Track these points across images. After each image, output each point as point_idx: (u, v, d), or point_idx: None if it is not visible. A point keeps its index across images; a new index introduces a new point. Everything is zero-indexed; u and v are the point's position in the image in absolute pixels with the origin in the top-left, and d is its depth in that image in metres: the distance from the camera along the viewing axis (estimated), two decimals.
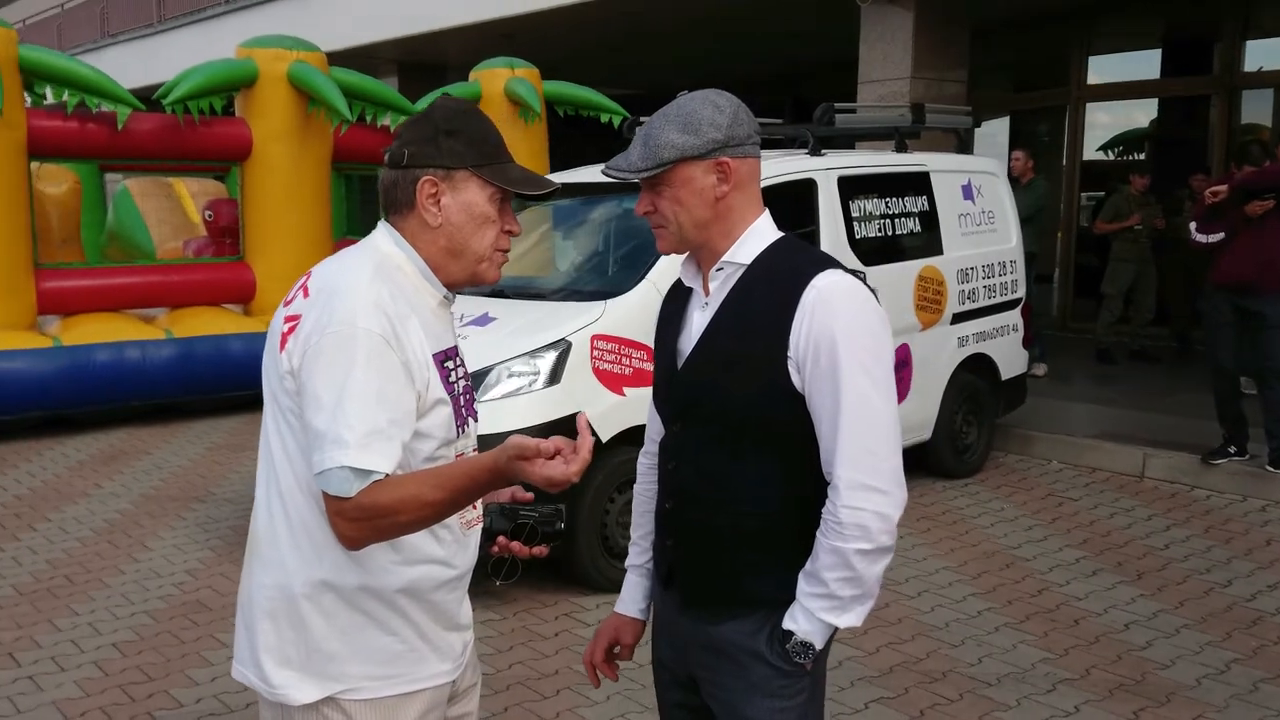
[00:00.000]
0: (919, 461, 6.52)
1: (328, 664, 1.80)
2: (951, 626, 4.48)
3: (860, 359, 1.80)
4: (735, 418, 1.88)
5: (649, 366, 4.85)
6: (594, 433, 4.60)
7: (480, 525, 1.95)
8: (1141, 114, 12.20)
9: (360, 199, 12.67)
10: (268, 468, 1.85)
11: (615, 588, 4.75)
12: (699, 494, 1.94)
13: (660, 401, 2.06)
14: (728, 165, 1.87)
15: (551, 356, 4.62)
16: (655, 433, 2.13)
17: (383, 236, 1.88)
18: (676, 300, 2.05)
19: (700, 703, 2.03)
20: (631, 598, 2.17)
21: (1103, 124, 12.14)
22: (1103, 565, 5.20)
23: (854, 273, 1.91)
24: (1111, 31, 11.79)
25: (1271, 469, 6.18)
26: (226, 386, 8.64)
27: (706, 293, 1.96)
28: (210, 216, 10.23)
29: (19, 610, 4.73)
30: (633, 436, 4.80)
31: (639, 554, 2.17)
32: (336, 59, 9.30)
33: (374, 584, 1.80)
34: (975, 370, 6.72)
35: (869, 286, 1.90)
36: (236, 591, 5.03)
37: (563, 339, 4.68)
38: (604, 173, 1.98)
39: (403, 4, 13.08)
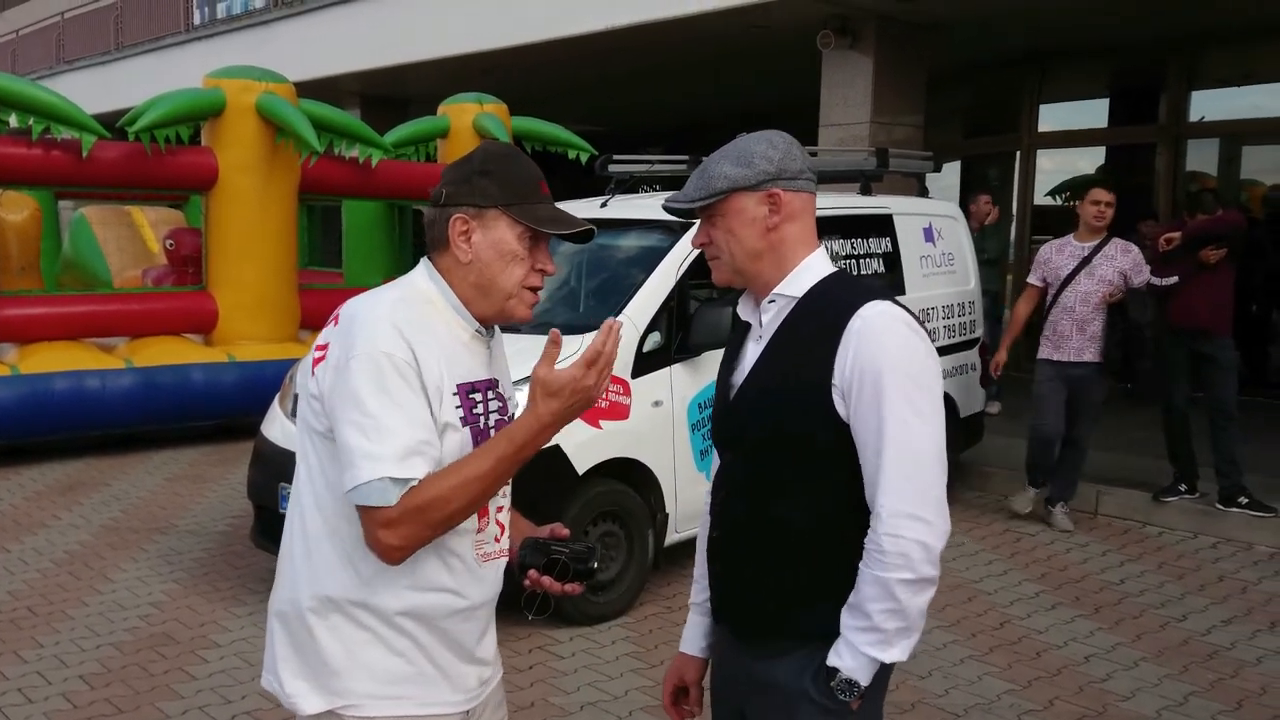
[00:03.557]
0: None
1: (332, 679, 1.85)
2: (919, 658, 4.56)
3: (904, 388, 1.80)
4: (782, 447, 1.89)
5: (626, 400, 4.92)
6: (571, 463, 4.63)
7: (501, 560, 1.99)
8: (1088, 161, 12.56)
9: (324, 230, 12.63)
10: (296, 487, 1.93)
11: (589, 621, 4.85)
12: (746, 523, 1.96)
13: (714, 434, 2.09)
14: (779, 197, 1.91)
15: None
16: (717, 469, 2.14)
17: (420, 272, 1.96)
18: (737, 336, 2.08)
19: None
20: (692, 636, 2.17)
21: (1049, 170, 12.48)
22: (1061, 600, 5.33)
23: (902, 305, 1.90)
24: (1062, 80, 12.15)
25: (1221, 507, 6.38)
26: (187, 416, 8.57)
27: (760, 326, 1.99)
28: (172, 245, 10.19)
29: None
30: (609, 469, 4.87)
31: (699, 591, 2.15)
32: (297, 90, 9.32)
33: (374, 602, 1.84)
34: None
35: (917, 318, 1.91)
36: (203, 626, 5.00)
37: None
38: (664, 207, 2.04)
39: (368, 37, 13.15)
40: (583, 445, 4.75)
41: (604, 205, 5.94)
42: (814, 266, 1.95)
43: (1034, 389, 6.47)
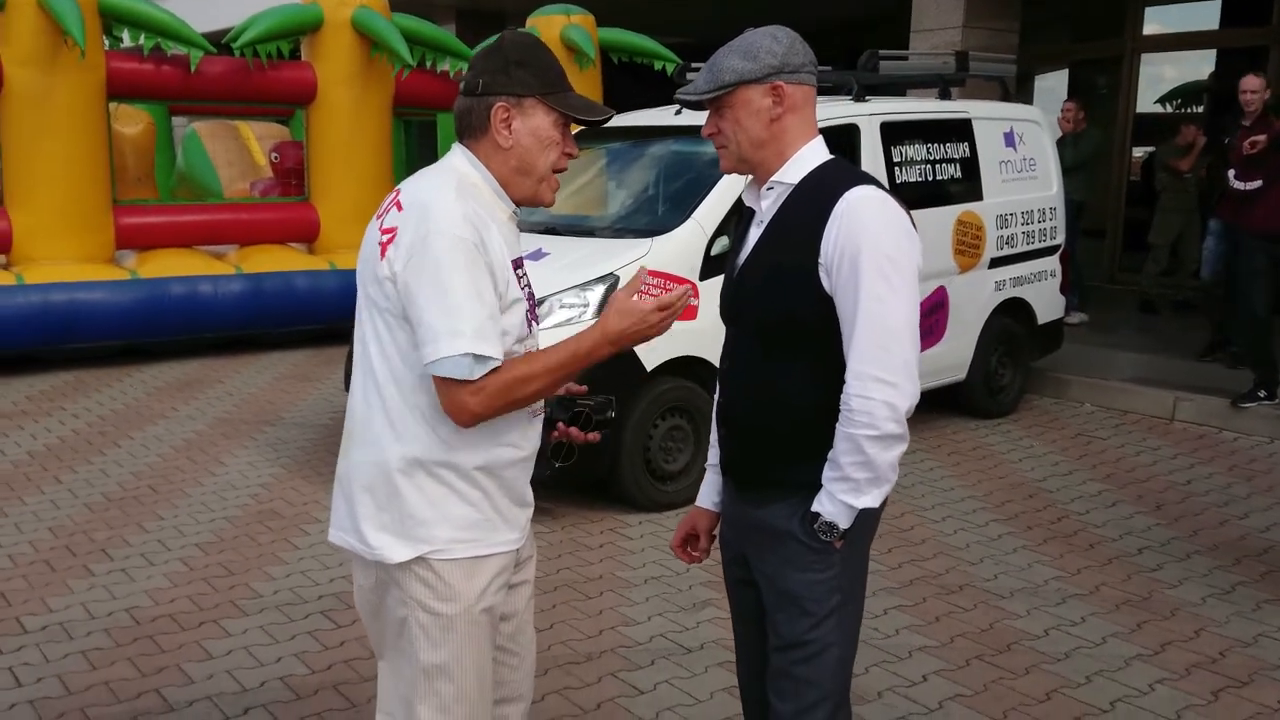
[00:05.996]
0: (953, 401, 6.77)
1: (418, 528, 2.09)
2: (972, 547, 4.75)
3: (879, 264, 1.98)
4: (774, 321, 2.11)
5: (694, 301, 5.13)
6: (640, 361, 4.87)
7: (541, 415, 2.24)
8: (1196, 68, 12.10)
9: (419, 144, 12.92)
10: (364, 362, 2.13)
11: (657, 508, 5.16)
12: (745, 391, 2.19)
13: (721, 310, 2.32)
14: (782, 89, 2.08)
15: (600, 290, 4.91)
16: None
17: (459, 158, 2.13)
18: (743, 220, 2.29)
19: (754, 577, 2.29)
20: (706, 492, 2.42)
21: (1160, 77, 12.06)
22: (1124, 498, 5.42)
23: (889, 191, 2.07)
24: None
25: None
26: (293, 320, 9.08)
27: (761, 211, 2.18)
28: (276, 158, 10.64)
29: (109, 514, 5.16)
30: (675, 367, 5.11)
31: (714, 454, 2.38)
32: (396, 6, 9.56)
33: (456, 460, 2.08)
34: (1012, 314, 6.91)
35: (904, 206, 2.08)
36: (306, 504, 5.42)
37: (611, 273, 4.97)
38: (675, 99, 2.22)
39: None
40: (651, 344, 4.95)
41: (678, 113, 6.07)
42: (810, 155, 2.12)
43: None
